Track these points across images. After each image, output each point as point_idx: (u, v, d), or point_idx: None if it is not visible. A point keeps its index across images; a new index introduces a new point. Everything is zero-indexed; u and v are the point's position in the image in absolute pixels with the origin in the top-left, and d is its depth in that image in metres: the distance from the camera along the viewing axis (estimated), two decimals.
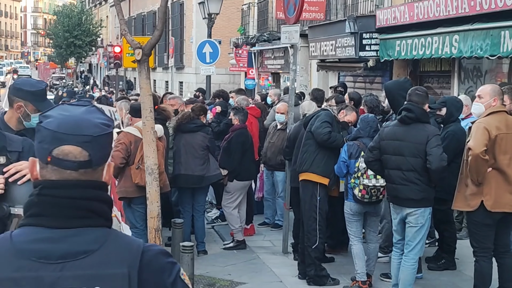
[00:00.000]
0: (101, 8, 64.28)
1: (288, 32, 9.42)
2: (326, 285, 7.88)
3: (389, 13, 13.74)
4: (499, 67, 11.63)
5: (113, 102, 27.97)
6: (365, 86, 16.92)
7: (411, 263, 6.95)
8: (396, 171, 6.80)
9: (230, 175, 9.50)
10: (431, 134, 6.78)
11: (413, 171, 6.74)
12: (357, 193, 7.29)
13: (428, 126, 6.93)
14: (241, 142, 9.51)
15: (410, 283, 6.98)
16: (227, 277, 8.30)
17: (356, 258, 7.62)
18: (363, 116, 7.80)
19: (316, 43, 17.28)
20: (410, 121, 6.83)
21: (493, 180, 6.51)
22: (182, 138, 9.12)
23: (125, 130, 8.50)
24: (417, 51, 12.52)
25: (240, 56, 25.74)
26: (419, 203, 6.80)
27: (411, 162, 6.74)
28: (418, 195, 6.78)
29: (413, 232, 6.87)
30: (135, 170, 8.13)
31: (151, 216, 7.75)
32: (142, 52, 7.71)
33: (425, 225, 6.92)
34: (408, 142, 6.77)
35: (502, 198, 6.51)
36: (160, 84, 40.10)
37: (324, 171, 7.81)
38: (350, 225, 7.72)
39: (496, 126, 6.47)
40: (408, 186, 6.76)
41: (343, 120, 8.13)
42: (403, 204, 6.84)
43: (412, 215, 6.83)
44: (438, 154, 6.65)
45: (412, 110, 6.85)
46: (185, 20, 35.59)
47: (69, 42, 57.40)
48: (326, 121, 7.78)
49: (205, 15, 19.83)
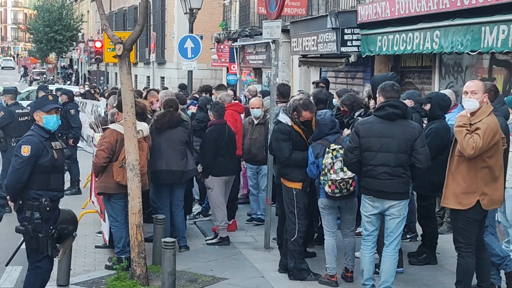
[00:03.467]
0: (82, 3, 63.88)
1: (269, 28, 9.40)
2: (306, 279, 7.91)
3: (370, 9, 13.76)
4: (479, 62, 11.70)
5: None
6: (346, 81, 16.95)
7: (393, 254, 7.04)
8: (383, 167, 6.83)
9: (204, 171, 9.50)
10: (418, 131, 6.91)
11: (400, 166, 6.83)
12: (327, 189, 7.34)
13: (413, 122, 7.06)
14: (214, 138, 9.45)
15: (392, 274, 7.06)
16: (209, 273, 8.29)
17: (326, 252, 7.74)
18: (320, 118, 7.68)
19: (298, 39, 17.29)
20: (396, 118, 6.88)
21: (486, 179, 6.56)
22: (162, 134, 9.06)
23: (112, 127, 8.42)
24: (398, 46, 12.56)
25: (222, 51, 25.69)
26: (403, 195, 6.93)
27: (400, 158, 6.81)
28: (404, 188, 6.91)
29: (396, 223, 6.98)
30: (118, 168, 8.09)
31: (132, 212, 7.74)
32: (123, 47, 7.69)
33: (406, 216, 7.07)
34: (397, 139, 6.82)
35: (495, 196, 6.61)
36: (142, 80, 39.94)
37: (295, 177, 7.86)
38: (323, 219, 7.82)
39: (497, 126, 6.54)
40: (395, 180, 6.84)
41: (300, 120, 7.91)
42: (389, 197, 6.90)
43: (395, 207, 6.93)
44: (427, 153, 6.84)
45: (399, 107, 6.91)
46: (166, 15, 35.45)
47: (49, 37, 57.06)
48: (281, 140, 7.80)
49: (186, 10, 19.75)
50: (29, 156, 6.52)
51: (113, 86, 28.09)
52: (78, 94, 23.34)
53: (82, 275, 8.29)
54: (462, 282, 6.79)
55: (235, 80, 24.68)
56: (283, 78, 19.00)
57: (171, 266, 7.17)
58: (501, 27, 9.61)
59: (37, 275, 6.72)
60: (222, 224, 9.61)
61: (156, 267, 8.21)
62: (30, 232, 6.52)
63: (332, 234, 7.76)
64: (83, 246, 9.63)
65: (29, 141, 6.61)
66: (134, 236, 7.72)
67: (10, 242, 9.10)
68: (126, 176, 7.89)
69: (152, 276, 7.95)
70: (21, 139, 6.76)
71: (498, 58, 11.01)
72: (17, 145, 6.69)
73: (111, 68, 45.48)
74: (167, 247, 7.18)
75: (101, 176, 8.32)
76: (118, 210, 8.34)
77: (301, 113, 7.84)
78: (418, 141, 6.82)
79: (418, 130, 6.92)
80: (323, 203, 7.63)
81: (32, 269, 6.73)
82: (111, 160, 8.15)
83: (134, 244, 7.70)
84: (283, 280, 8.00)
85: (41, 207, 6.55)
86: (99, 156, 8.20)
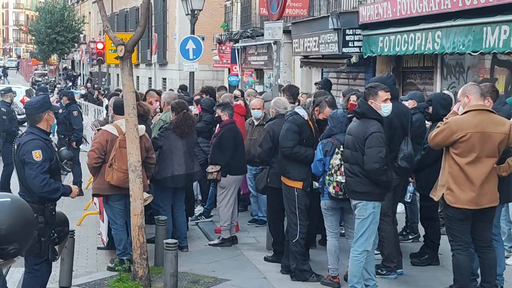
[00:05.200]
0: (84, 4, 63.91)
1: (271, 29, 9.42)
2: (308, 280, 7.90)
3: (372, 9, 13.76)
4: (481, 63, 11.69)
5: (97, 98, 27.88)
6: (348, 82, 16.95)
7: (355, 254, 7.05)
8: (346, 164, 7.06)
9: (223, 170, 9.48)
10: (370, 131, 6.84)
11: (356, 165, 6.93)
12: (331, 190, 7.33)
13: (370, 122, 6.93)
14: (232, 137, 9.51)
15: (355, 275, 7.05)
16: (211, 274, 8.29)
17: (329, 253, 7.73)
18: (332, 113, 7.76)
19: (299, 39, 17.28)
20: (358, 116, 7.00)
21: (456, 176, 6.61)
22: (184, 138, 9.11)
23: (103, 128, 8.46)
24: (400, 47, 12.56)
25: (224, 52, 25.70)
26: (362, 195, 6.95)
27: (354, 156, 6.93)
28: (361, 188, 6.93)
29: (357, 223, 7.05)
30: (108, 168, 8.10)
31: (134, 214, 7.73)
32: (125, 49, 7.68)
33: (368, 218, 6.96)
34: (353, 137, 6.97)
35: (462, 195, 6.60)
36: (143, 81, 39.96)
37: (297, 175, 7.87)
38: (326, 220, 7.79)
39: (467, 124, 6.53)
40: (353, 178, 6.97)
41: (318, 118, 8.05)
42: (351, 195, 7.05)
43: (356, 207, 7.02)
44: (372, 155, 6.78)
45: (359, 105, 7.05)
46: (168, 16, 35.47)
47: (51, 39, 57.07)
48: (292, 130, 7.82)
49: (188, 11, 19.76)
50: (42, 160, 6.36)
51: (116, 88, 28.11)
52: (80, 96, 23.39)
53: (84, 276, 8.29)
54: (458, 281, 6.89)
55: (237, 81, 24.68)
56: (284, 79, 19.00)
57: (173, 268, 7.17)
58: (502, 27, 9.61)
59: (36, 278, 6.63)
60: (226, 225, 9.60)
61: (158, 268, 8.21)
62: (36, 237, 6.35)
63: (335, 235, 7.75)
64: (85, 247, 9.63)
65: (38, 146, 6.41)
66: (136, 237, 7.72)
67: None
68: (116, 177, 7.94)
69: (154, 277, 7.94)
70: (23, 143, 6.47)
71: (500, 58, 11.00)
72: (23, 150, 6.42)
73: (113, 70, 45.50)
74: (169, 249, 7.18)
75: (96, 178, 8.34)
76: (116, 213, 8.34)
77: (325, 109, 7.94)
78: (369, 141, 6.82)
79: (371, 130, 6.82)
80: (327, 204, 7.62)
81: (30, 273, 6.63)
82: (104, 161, 8.15)
83: (136, 246, 7.70)
84: (285, 281, 8.00)
85: (46, 211, 6.47)
86: (90, 156, 8.22)
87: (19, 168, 6.53)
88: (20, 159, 6.46)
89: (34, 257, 6.56)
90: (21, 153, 6.45)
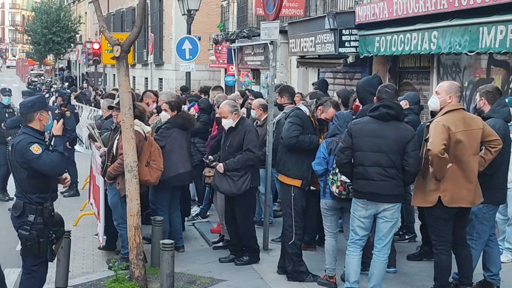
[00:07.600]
0: (80, 5, 63.86)
1: (267, 29, 9.40)
2: (305, 281, 7.90)
3: (368, 9, 13.75)
4: (477, 63, 11.68)
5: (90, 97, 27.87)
6: (344, 82, 16.93)
7: (385, 258, 7.04)
8: (376, 168, 6.79)
9: None
10: (411, 134, 6.88)
11: (393, 168, 6.79)
12: (334, 190, 7.31)
13: (406, 125, 7.03)
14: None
15: (382, 278, 7.08)
16: (207, 275, 8.28)
17: (326, 253, 7.73)
18: (338, 113, 7.78)
19: (295, 40, 17.27)
20: (390, 118, 6.86)
21: (452, 176, 6.64)
22: (185, 136, 9.15)
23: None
24: (396, 47, 12.55)
25: (220, 52, 25.67)
26: (397, 198, 6.90)
27: (392, 159, 6.77)
28: (398, 190, 6.86)
29: (388, 227, 6.96)
30: (144, 167, 8.29)
31: (130, 214, 7.72)
32: (121, 49, 7.67)
33: (398, 219, 7.12)
34: (389, 139, 6.79)
35: (458, 194, 6.66)
36: (140, 81, 39.92)
37: (296, 173, 7.86)
38: (325, 220, 7.78)
39: (455, 124, 6.61)
40: (389, 181, 6.80)
41: (320, 117, 8.06)
42: (382, 200, 6.85)
43: (389, 210, 6.89)
44: (418, 158, 6.81)
45: (393, 108, 6.89)
46: (164, 16, 35.44)
47: (47, 39, 57.04)
48: (295, 123, 7.81)
49: (184, 11, 19.75)
50: (42, 150, 6.31)
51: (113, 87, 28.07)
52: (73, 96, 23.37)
53: (80, 277, 8.28)
54: (439, 279, 6.91)
55: (233, 81, 24.66)
56: (281, 79, 18.99)
57: (169, 268, 7.16)
58: (499, 27, 9.60)
59: (34, 279, 6.61)
60: None
61: (155, 268, 8.20)
62: (35, 238, 6.36)
63: (334, 235, 7.74)
64: (82, 248, 9.61)
65: (32, 141, 6.34)
66: (132, 238, 7.71)
67: (8, 245, 9.10)
68: (156, 175, 8.38)
69: (150, 277, 7.94)
70: (17, 143, 6.40)
71: (496, 58, 11.00)
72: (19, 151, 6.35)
73: (109, 70, 45.46)
74: (165, 249, 7.17)
75: (123, 178, 8.13)
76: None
77: (328, 109, 7.95)
78: (411, 143, 6.78)
79: (411, 132, 6.87)
80: (327, 204, 7.59)
81: (28, 273, 6.60)
82: None
83: (132, 246, 7.69)
84: (281, 282, 8.00)
85: (45, 211, 6.44)
86: None
87: (15, 169, 6.47)
88: (17, 160, 6.39)
89: (32, 258, 6.53)
90: (17, 154, 6.39)
